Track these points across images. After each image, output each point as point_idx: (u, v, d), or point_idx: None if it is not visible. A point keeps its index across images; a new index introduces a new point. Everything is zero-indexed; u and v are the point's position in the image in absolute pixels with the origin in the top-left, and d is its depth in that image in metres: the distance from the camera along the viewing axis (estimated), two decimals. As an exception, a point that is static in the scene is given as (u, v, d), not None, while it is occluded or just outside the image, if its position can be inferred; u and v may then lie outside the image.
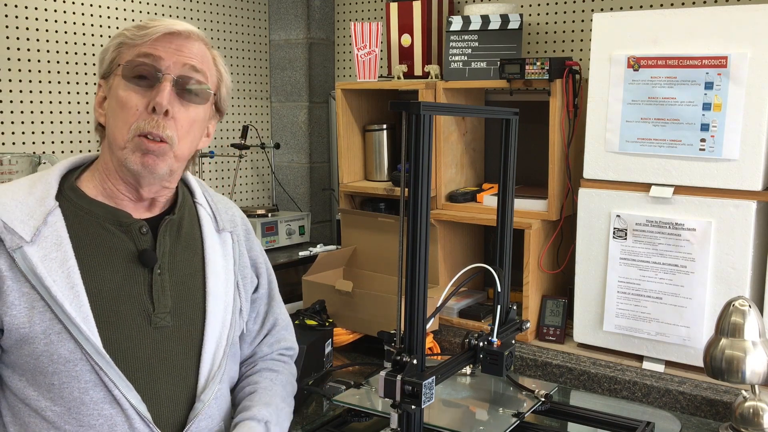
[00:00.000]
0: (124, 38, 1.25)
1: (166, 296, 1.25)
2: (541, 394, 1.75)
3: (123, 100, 1.21)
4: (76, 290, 1.16)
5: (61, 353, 1.14)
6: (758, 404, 1.63)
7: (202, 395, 1.26)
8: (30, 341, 1.14)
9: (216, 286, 1.32)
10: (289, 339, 1.54)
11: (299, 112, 3.11)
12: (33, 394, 1.16)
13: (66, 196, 1.24)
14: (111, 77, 1.25)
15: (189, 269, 1.31)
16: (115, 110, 1.23)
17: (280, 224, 2.86)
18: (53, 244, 1.17)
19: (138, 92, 1.21)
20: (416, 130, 1.26)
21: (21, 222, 1.16)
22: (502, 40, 2.35)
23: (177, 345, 1.25)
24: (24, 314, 1.14)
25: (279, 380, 1.43)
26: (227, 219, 1.41)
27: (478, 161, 2.64)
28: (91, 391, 1.16)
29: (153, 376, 1.21)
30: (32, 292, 1.14)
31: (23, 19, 2.35)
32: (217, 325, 1.30)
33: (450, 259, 2.48)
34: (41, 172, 1.27)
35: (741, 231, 1.85)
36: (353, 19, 3.05)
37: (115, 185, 1.26)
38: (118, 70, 1.24)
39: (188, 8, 2.81)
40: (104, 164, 1.27)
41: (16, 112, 2.38)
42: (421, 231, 1.29)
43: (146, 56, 1.22)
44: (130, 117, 1.21)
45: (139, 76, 1.22)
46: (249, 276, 1.44)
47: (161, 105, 1.20)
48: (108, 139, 1.25)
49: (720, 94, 1.84)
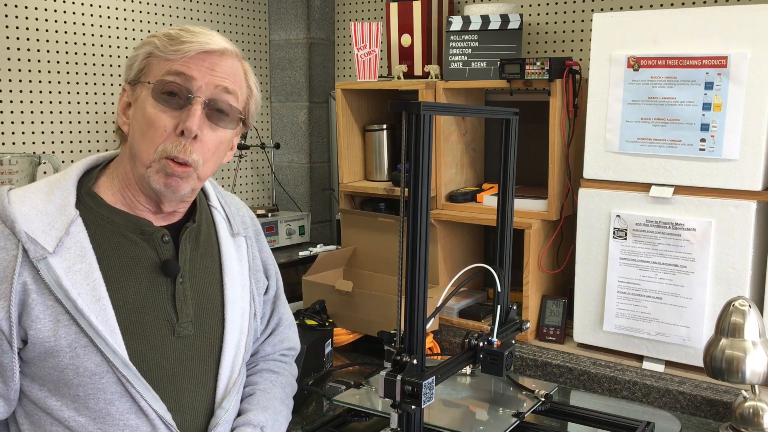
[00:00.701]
0: (154, 48, 1.20)
1: (188, 305, 1.25)
2: (541, 394, 1.75)
3: (151, 119, 1.18)
4: (102, 303, 1.14)
5: (87, 366, 1.13)
6: (758, 404, 1.63)
7: (224, 402, 1.27)
8: (55, 354, 1.13)
9: (233, 292, 1.32)
10: (292, 338, 1.54)
11: (299, 112, 3.11)
12: (56, 404, 1.15)
13: (85, 203, 1.20)
14: (138, 87, 1.22)
15: (208, 277, 1.30)
16: (142, 127, 1.19)
17: (280, 224, 2.86)
18: (77, 256, 1.14)
19: (167, 112, 1.18)
20: (416, 130, 1.26)
21: (43, 232, 1.13)
22: (502, 40, 2.35)
23: (198, 353, 1.26)
24: (49, 328, 1.12)
25: (279, 382, 1.44)
26: (239, 221, 1.40)
27: (478, 161, 2.64)
28: (117, 402, 1.15)
29: (176, 385, 1.22)
30: (57, 306, 1.12)
31: (23, 19, 2.35)
32: (235, 333, 1.31)
33: (450, 259, 2.48)
34: (56, 177, 1.23)
35: (741, 231, 1.85)
36: (353, 19, 3.05)
37: (135, 196, 1.24)
38: (146, 84, 1.20)
39: (188, 8, 2.81)
40: (124, 174, 1.24)
41: (16, 112, 2.38)
42: (421, 231, 1.29)
43: (178, 75, 1.18)
44: (157, 137, 1.18)
45: (169, 93, 1.18)
46: (261, 279, 1.44)
47: (191, 131, 1.17)
48: (131, 151, 1.21)
49: (720, 94, 1.84)
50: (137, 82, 1.22)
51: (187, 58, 1.18)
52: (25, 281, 1.11)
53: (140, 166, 1.20)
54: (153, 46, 1.21)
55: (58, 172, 2.12)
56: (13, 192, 1.18)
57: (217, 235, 1.34)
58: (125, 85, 1.25)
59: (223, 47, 1.22)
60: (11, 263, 1.11)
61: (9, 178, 2.08)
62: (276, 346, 1.50)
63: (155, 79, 1.19)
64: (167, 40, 1.20)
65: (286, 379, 1.47)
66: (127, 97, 1.24)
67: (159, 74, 1.19)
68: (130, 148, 1.21)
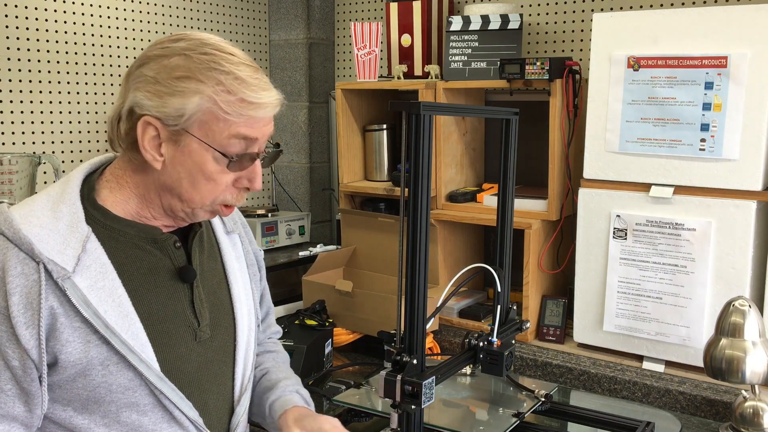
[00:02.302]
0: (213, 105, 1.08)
1: (204, 309, 1.25)
2: (541, 394, 1.75)
3: (213, 177, 1.13)
4: (131, 318, 1.12)
5: (121, 382, 1.11)
6: (758, 404, 1.63)
7: (242, 399, 1.29)
8: (86, 374, 1.10)
9: (238, 291, 1.33)
10: (274, 323, 1.59)
11: (299, 112, 3.11)
12: (83, 423, 1.13)
13: (93, 217, 1.15)
14: (185, 136, 1.10)
15: (215, 278, 1.30)
16: (196, 178, 1.13)
17: (280, 224, 2.86)
18: (98, 273, 1.11)
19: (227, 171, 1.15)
20: (416, 130, 1.26)
21: (58, 252, 1.08)
22: (502, 40, 2.35)
23: (216, 355, 1.26)
24: (80, 350, 1.09)
25: (280, 358, 1.50)
26: (229, 219, 1.40)
27: (478, 161, 2.64)
28: (150, 413, 1.15)
29: (202, 389, 1.22)
30: (84, 326, 1.09)
31: (23, 19, 2.35)
32: (245, 330, 1.32)
33: (450, 259, 2.48)
34: (56, 191, 1.16)
35: (741, 231, 1.85)
36: (353, 19, 3.05)
37: (155, 216, 1.20)
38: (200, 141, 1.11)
39: (188, 8, 2.81)
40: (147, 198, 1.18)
41: (16, 112, 2.38)
42: (421, 231, 1.29)
43: (244, 138, 1.12)
44: (217, 192, 1.15)
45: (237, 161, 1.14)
46: (257, 273, 1.44)
47: (258, 189, 1.19)
48: (172, 191, 1.15)
49: (720, 94, 1.84)
50: (179, 129, 1.10)
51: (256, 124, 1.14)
52: (51, 305, 1.07)
53: (186, 206, 1.17)
54: (209, 99, 1.08)
55: (57, 174, 2.14)
56: (15, 212, 1.11)
57: (215, 235, 1.34)
58: (154, 121, 1.10)
59: (281, 102, 1.19)
60: (35, 288, 1.06)
61: (9, 178, 2.08)
62: (266, 332, 1.53)
63: (217, 142, 1.11)
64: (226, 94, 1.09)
65: (284, 356, 1.54)
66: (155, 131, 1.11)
67: (221, 137, 1.10)
68: (169, 188, 1.15)
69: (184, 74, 1.09)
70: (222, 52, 1.12)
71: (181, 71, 1.09)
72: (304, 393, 1.40)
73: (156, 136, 1.11)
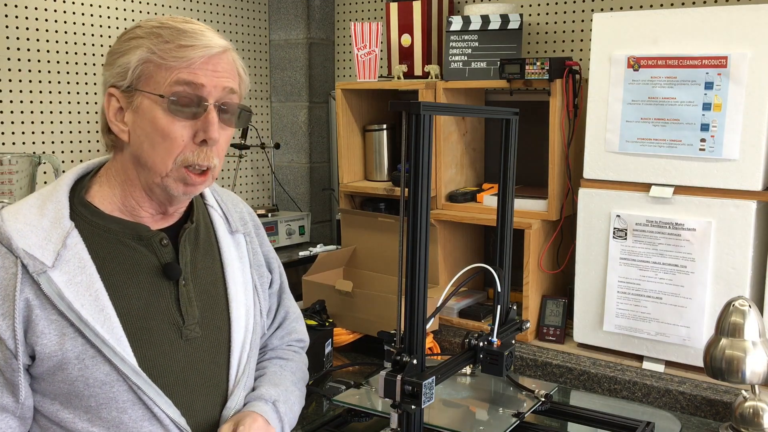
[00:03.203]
0: (149, 53, 1.15)
1: (193, 307, 1.25)
2: (541, 394, 1.75)
3: (166, 131, 1.15)
4: (107, 312, 1.14)
5: (97, 377, 1.13)
6: (758, 404, 1.63)
7: (233, 401, 1.27)
8: (63, 367, 1.12)
9: (236, 291, 1.32)
10: (300, 330, 1.55)
11: (299, 112, 3.11)
12: (68, 417, 1.15)
13: (79, 213, 1.19)
14: (136, 95, 1.16)
15: (210, 276, 1.30)
16: (153, 138, 1.16)
17: (280, 224, 2.86)
18: (77, 267, 1.14)
19: (181, 122, 1.15)
20: (416, 130, 1.26)
21: (39, 247, 1.12)
22: (502, 40, 2.35)
23: (207, 354, 1.25)
24: (55, 342, 1.11)
25: (288, 366, 1.44)
26: (237, 218, 1.40)
27: (478, 161, 2.64)
28: (130, 411, 1.15)
29: (188, 388, 1.22)
30: (60, 319, 1.11)
31: (23, 19, 2.35)
32: (241, 331, 1.31)
33: (450, 259, 2.48)
34: (47, 189, 1.21)
35: (741, 231, 1.85)
36: (353, 19, 3.05)
37: (139, 202, 1.22)
38: (148, 94, 1.15)
39: (188, 8, 2.81)
40: (125, 180, 1.21)
41: (16, 112, 2.38)
42: (421, 231, 1.29)
43: (187, 84, 1.15)
44: (174, 148, 1.16)
45: (182, 104, 1.15)
46: (265, 274, 1.43)
47: (215, 140, 1.17)
48: (138, 160, 1.19)
49: (720, 94, 1.84)
50: (134, 90, 1.16)
51: (193, 65, 1.15)
52: (27, 297, 1.10)
53: (154, 175, 1.18)
54: (148, 50, 1.15)
55: (57, 174, 2.14)
56: (5, 210, 1.16)
57: (215, 234, 1.34)
58: (113, 90, 1.18)
59: (223, 47, 1.20)
60: (11, 281, 1.10)
61: (9, 178, 2.08)
62: (284, 338, 1.50)
63: (160, 90, 1.15)
64: (163, 43, 1.14)
65: (297, 365, 1.48)
66: (118, 103, 1.18)
67: (164, 84, 1.15)
68: (137, 157, 1.18)
69: (131, 36, 1.18)
70: (173, 18, 1.20)
71: (129, 35, 1.19)
72: (283, 408, 1.33)
73: (119, 108, 1.18)
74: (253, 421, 1.23)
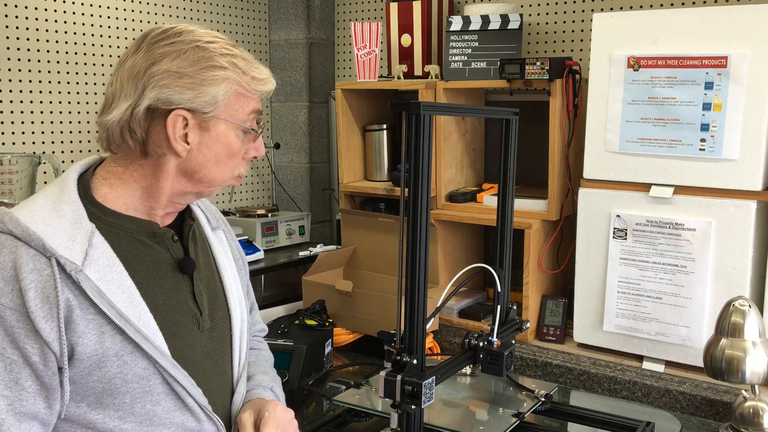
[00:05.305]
0: (237, 86, 1.20)
1: (204, 299, 1.29)
2: (541, 394, 1.75)
3: (234, 151, 1.23)
4: (141, 308, 1.15)
5: (136, 372, 1.14)
6: (758, 404, 1.63)
7: (239, 386, 1.33)
8: (101, 366, 1.12)
9: (229, 283, 1.37)
10: (260, 320, 1.61)
11: (299, 112, 3.11)
12: (98, 418, 1.14)
13: (92, 213, 1.18)
14: (213, 120, 1.19)
15: (209, 270, 1.34)
16: (222, 157, 1.22)
17: (280, 224, 2.86)
18: (106, 266, 1.14)
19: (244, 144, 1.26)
20: (416, 130, 1.26)
21: (66, 248, 1.11)
22: (502, 40, 2.35)
23: (217, 344, 1.30)
24: (95, 341, 1.11)
25: (262, 356, 1.52)
26: (213, 216, 1.44)
27: (478, 161, 2.64)
28: (163, 402, 1.17)
29: (207, 376, 1.26)
30: (97, 317, 1.12)
31: (23, 19, 2.35)
32: (238, 321, 1.36)
33: (450, 259, 2.48)
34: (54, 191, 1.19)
35: (741, 231, 1.85)
36: (353, 19, 3.05)
37: (161, 205, 1.24)
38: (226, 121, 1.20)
39: (188, 8, 2.81)
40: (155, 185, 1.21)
41: (16, 112, 2.38)
42: (421, 231, 1.29)
43: (257, 112, 1.26)
44: (238, 166, 1.26)
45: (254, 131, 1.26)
46: (242, 268, 1.48)
47: (262, 156, 1.30)
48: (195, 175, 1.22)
49: (720, 94, 1.84)
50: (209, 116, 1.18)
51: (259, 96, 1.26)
52: (67, 297, 1.10)
53: (210, 187, 1.25)
54: (235, 82, 1.19)
55: (57, 174, 2.14)
56: (18, 213, 1.14)
57: (203, 230, 1.38)
58: (184, 113, 1.16)
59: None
60: (50, 282, 1.09)
61: (9, 178, 2.08)
62: (250, 329, 1.54)
63: (239, 118, 1.22)
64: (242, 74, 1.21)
65: (267, 353, 1.55)
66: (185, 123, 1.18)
67: (243, 113, 1.23)
68: (192, 172, 1.22)
69: (209, 64, 1.17)
70: (220, 39, 1.22)
71: (205, 62, 1.17)
72: (279, 392, 1.41)
73: (184, 126, 1.18)
74: (275, 406, 1.29)
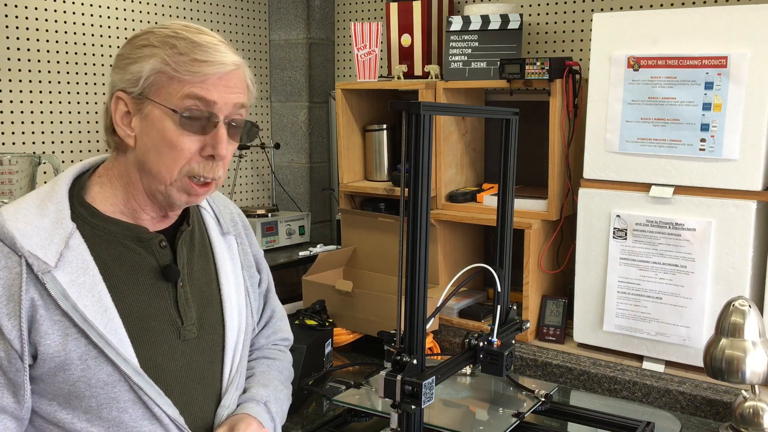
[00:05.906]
0: (163, 64, 1.14)
1: (190, 308, 1.26)
2: (541, 394, 1.75)
3: (173, 143, 1.15)
4: (109, 314, 1.14)
5: (99, 377, 1.13)
6: (758, 404, 1.63)
7: (227, 400, 1.29)
8: (66, 368, 1.12)
9: (229, 292, 1.33)
10: (284, 329, 1.56)
11: (299, 112, 3.11)
12: (66, 417, 1.15)
13: (79, 214, 1.19)
14: (146, 104, 1.15)
15: (205, 278, 1.31)
16: (160, 147, 1.16)
17: (280, 224, 2.86)
18: (79, 269, 1.14)
19: (189, 136, 1.16)
20: (416, 130, 1.26)
21: (42, 248, 1.12)
22: (502, 40, 2.35)
23: (202, 355, 1.27)
24: (58, 342, 1.11)
25: (275, 366, 1.46)
26: (228, 220, 1.41)
27: (478, 161, 2.64)
28: (131, 410, 1.16)
29: (185, 388, 1.23)
30: (64, 319, 1.11)
31: (23, 19, 2.35)
32: (234, 331, 1.32)
33: (450, 259, 2.48)
34: (46, 189, 1.20)
35: (741, 231, 1.85)
36: (353, 19, 3.05)
37: (141, 205, 1.22)
38: (158, 104, 1.15)
39: (188, 8, 2.81)
40: (130, 184, 1.21)
41: (16, 112, 2.38)
42: (421, 231, 1.29)
43: (199, 99, 1.15)
44: (181, 160, 1.16)
45: (191, 118, 1.15)
46: (255, 275, 1.45)
47: (222, 155, 1.17)
48: (143, 166, 1.19)
49: (720, 94, 1.84)
50: (144, 98, 1.16)
51: (206, 81, 1.15)
52: (32, 297, 1.10)
53: (157, 183, 1.18)
54: (161, 60, 1.14)
55: (57, 172, 2.14)
56: (4, 209, 1.16)
57: (209, 235, 1.35)
58: (121, 94, 1.17)
59: (237, 64, 1.19)
60: (17, 280, 1.10)
61: (9, 178, 2.08)
62: (269, 337, 1.51)
63: (172, 102, 1.14)
64: (178, 55, 1.13)
65: (283, 364, 1.49)
66: (125, 107, 1.18)
67: (176, 97, 1.14)
68: (142, 163, 1.19)
69: (144, 43, 1.16)
70: (188, 28, 1.19)
71: (142, 41, 1.17)
72: (274, 407, 1.34)
73: (126, 112, 1.18)
74: (247, 426, 1.25)
